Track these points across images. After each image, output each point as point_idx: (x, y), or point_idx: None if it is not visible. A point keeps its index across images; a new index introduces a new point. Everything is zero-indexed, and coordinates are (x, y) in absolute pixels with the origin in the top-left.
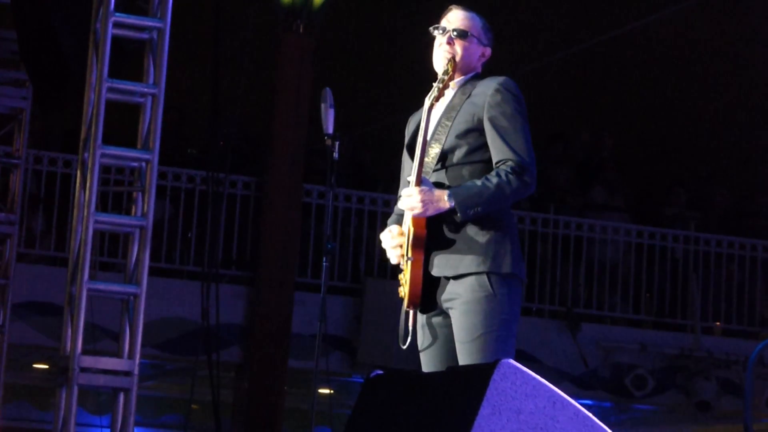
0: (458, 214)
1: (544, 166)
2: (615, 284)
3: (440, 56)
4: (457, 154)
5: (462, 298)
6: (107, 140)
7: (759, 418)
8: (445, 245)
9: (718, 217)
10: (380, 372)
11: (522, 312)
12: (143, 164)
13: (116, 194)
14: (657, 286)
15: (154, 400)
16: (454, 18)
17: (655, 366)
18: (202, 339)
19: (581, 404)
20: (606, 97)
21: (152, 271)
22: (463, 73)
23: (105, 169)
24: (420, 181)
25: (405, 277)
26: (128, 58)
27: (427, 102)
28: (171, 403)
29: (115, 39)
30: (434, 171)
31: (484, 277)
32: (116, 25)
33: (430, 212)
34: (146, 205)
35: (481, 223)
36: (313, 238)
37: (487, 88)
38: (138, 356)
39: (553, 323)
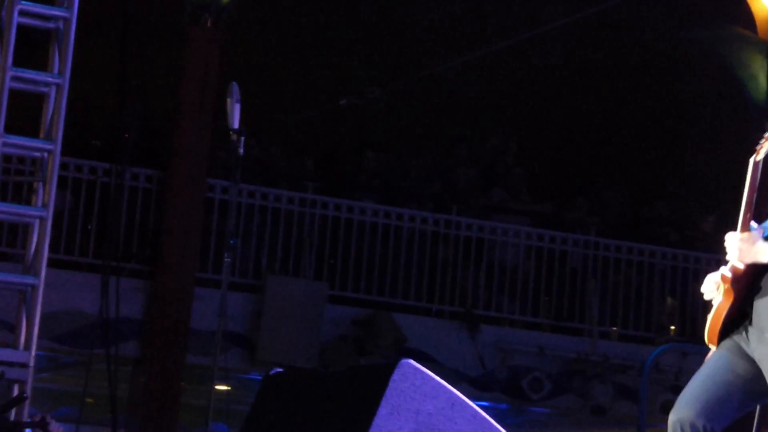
0: None
1: (448, 166)
2: (515, 287)
3: None
4: None
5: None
6: (9, 129)
7: (653, 423)
8: (763, 295)
9: (618, 222)
10: (280, 370)
11: (421, 312)
12: (45, 154)
13: (16, 184)
14: (556, 290)
15: (49, 393)
16: None
17: (552, 369)
18: (99, 332)
19: (478, 406)
20: (515, 102)
21: (51, 263)
22: None
23: (6, 158)
24: (745, 228)
25: (711, 314)
26: (34, 47)
27: (756, 157)
28: (66, 396)
29: (21, 27)
30: None
31: None
32: (22, 13)
33: (745, 261)
34: (47, 195)
35: None
36: (216, 234)
37: None
38: (34, 348)
39: (452, 324)
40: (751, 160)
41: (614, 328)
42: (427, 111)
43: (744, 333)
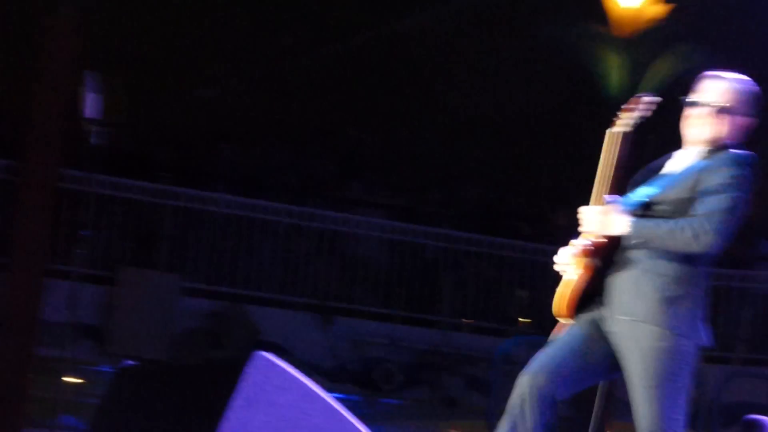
0: (633, 240)
1: (305, 159)
2: (369, 279)
3: (698, 132)
4: (664, 208)
5: (639, 343)
6: None
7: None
8: (622, 278)
9: (472, 216)
10: (133, 362)
11: (276, 305)
12: None
13: None
14: (410, 282)
15: None
16: (714, 90)
17: (404, 361)
18: None
19: (331, 397)
20: (374, 95)
21: None
22: (715, 145)
23: None
24: (601, 201)
25: (567, 286)
26: None
27: (616, 129)
28: None
29: None
30: (640, 213)
31: (665, 331)
32: None
33: (605, 233)
34: None
35: (670, 276)
36: (68, 224)
37: (724, 156)
38: None
39: (306, 316)
40: (608, 132)
41: (466, 320)
42: (284, 103)
43: (600, 309)
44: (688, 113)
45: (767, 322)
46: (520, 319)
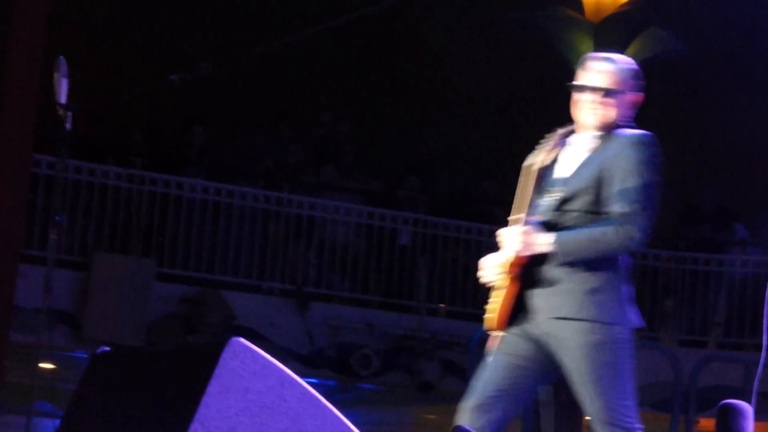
0: (560, 257)
1: (279, 143)
2: (345, 264)
3: (589, 117)
4: (579, 203)
5: (574, 341)
6: None
7: None
8: (544, 283)
9: (446, 201)
10: (107, 348)
11: (251, 290)
12: None
13: None
14: (386, 268)
15: None
16: (599, 73)
17: (380, 346)
18: None
19: (308, 383)
20: (346, 80)
21: None
22: (608, 128)
23: None
24: (527, 223)
25: (497, 300)
26: None
27: (534, 166)
28: None
29: None
30: (554, 210)
31: (596, 324)
32: None
33: (530, 252)
34: None
35: (586, 268)
36: (41, 210)
37: (625, 140)
38: None
39: (282, 301)
40: (524, 166)
41: (442, 305)
42: (259, 87)
43: (529, 316)
44: (577, 98)
45: (742, 306)
46: None
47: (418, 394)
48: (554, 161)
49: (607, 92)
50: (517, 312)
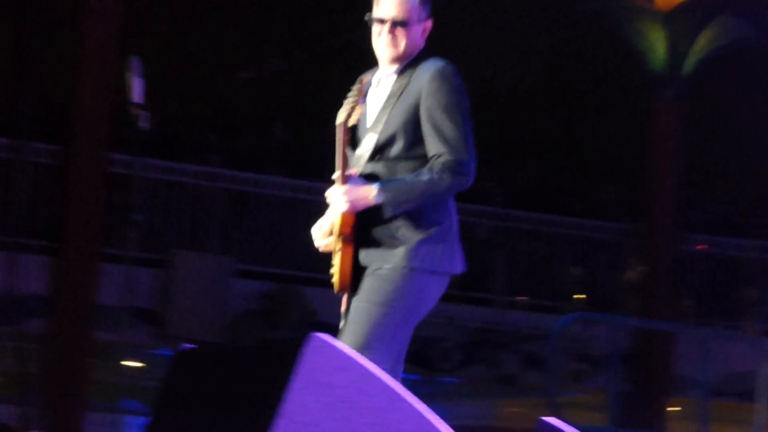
0: (388, 209)
1: None
2: None
3: (383, 50)
4: (395, 148)
5: (379, 273)
6: None
7: (562, 392)
8: (376, 236)
9: (523, 193)
10: (190, 345)
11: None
12: None
13: None
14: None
15: None
16: (390, 4)
17: (461, 339)
18: (7, 309)
19: (389, 377)
20: None
21: None
22: (405, 59)
23: None
24: (345, 180)
25: (335, 265)
26: None
27: (339, 118)
28: None
29: None
30: (369, 161)
31: (406, 269)
32: None
33: (358, 209)
34: None
35: (414, 217)
36: (120, 209)
37: (425, 74)
38: None
39: None
40: (338, 124)
41: (522, 298)
42: (337, 82)
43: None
44: (375, 31)
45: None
46: (575, 296)
47: (499, 386)
48: (363, 110)
49: (399, 23)
50: (357, 272)
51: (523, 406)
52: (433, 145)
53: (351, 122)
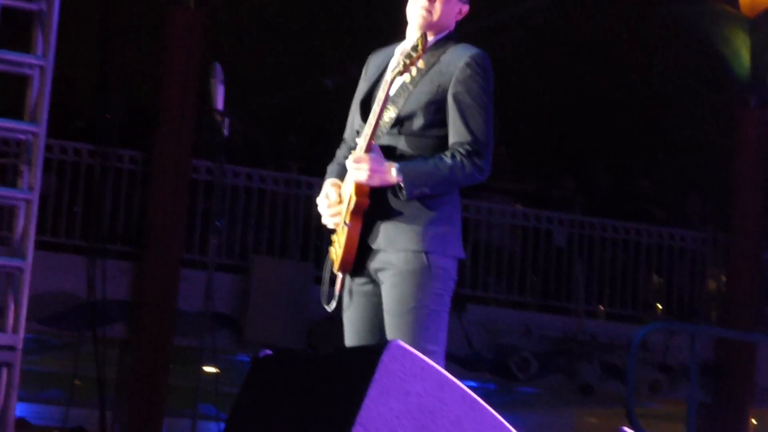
0: (403, 191)
1: None
2: (501, 266)
3: (416, 13)
4: (415, 124)
5: (394, 268)
6: None
7: (641, 402)
8: (386, 216)
9: (602, 201)
10: (269, 351)
11: None
12: (30, 137)
13: (1, 166)
14: (542, 269)
15: (37, 375)
16: None
17: (539, 348)
18: (87, 314)
19: (467, 386)
20: (496, 79)
21: (37, 245)
22: (436, 33)
23: None
24: (370, 148)
25: (339, 241)
26: (17, 28)
27: (389, 75)
28: (54, 378)
29: (4, 9)
30: (387, 134)
31: (421, 254)
32: None
33: (376, 183)
34: (33, 178)
35: (427, 200)
36: (201, 215)
37: (458, 59)
38: (22, 331)
39: None
40: (386, 80)
41: (601, 307)
42: None
43: (371, 256)
44: None
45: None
46: (655, 305)
47: (577, 397)
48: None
49: None
50: (363, 253)
51: (602, 416)
52: (456, 132)
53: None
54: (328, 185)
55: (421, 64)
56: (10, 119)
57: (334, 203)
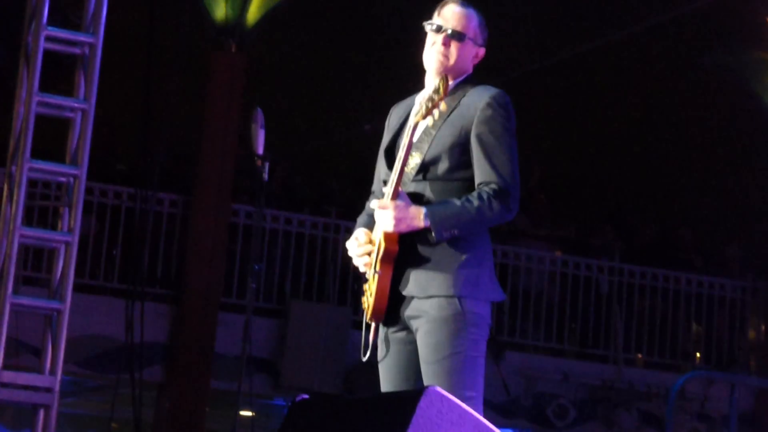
0: (432, 234)
1: None
2: (539, 313)
3: (433, 59)
4: (440, 168)
5: (428, 315)
6: (35, 154)
7: None
8: (416, 263)
9: (642, 248)
10: (306, 396)
11: None
12: (71, 179)
13: (42, 208)
14: (581, 316)
15: (74, 418)
16: (451, 16)
17: (576, 396)
18: (124, 357)
19: None
20: (538, 125)
21: (76, 287)
22: (454, 77)
23: (31, 183)
24: (396, 195)
25: (370, 289)
26: (61, 72)
27: (412, 120)
28: (91, 420)
29: (47, 53)
30: (413, 181)
31: (454, 299)
32: (48, 39)
33: (403, 229)
34: (73, 220)
35: (456, 243)
36: (240, 259)
37: (479, 100)
38: (60, 373)
39: None
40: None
41: (639, 355)
42: None
43: (403, 304)
44: (429, 41)
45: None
46: (694, 354)
47: None
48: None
49: (456, 35)
50: (394, 302)
51: None
52: (482, 173)
53: (427, 124)
54: (359, 232)
55: (443, 107)
56: (51, 162)
57: (363, 243)
